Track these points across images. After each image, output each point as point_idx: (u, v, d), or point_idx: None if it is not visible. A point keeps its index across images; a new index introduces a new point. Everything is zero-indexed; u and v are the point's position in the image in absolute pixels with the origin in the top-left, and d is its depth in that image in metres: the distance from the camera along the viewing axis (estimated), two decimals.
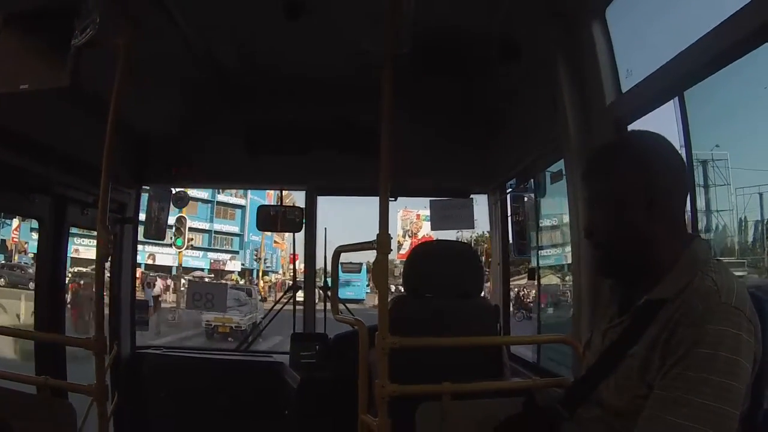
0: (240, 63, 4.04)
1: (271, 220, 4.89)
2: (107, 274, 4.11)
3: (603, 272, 1.85)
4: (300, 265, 5.34)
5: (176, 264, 36.95)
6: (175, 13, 3.17)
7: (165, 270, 38.34)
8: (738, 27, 1.89)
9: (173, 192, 4.90)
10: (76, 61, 2.23)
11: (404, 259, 3.40)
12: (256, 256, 51.15)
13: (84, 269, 19.59)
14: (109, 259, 3.70)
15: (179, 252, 31.49)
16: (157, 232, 4.76)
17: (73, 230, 3.85)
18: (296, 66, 4.07)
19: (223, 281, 37.06)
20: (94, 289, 2.35)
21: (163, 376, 4.37)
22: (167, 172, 4.56)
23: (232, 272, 48.87)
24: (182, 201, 5.07)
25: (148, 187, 4.68)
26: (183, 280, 30.36)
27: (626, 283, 1.77)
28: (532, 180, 4.42)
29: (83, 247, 22.93)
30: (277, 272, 56.22)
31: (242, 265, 51.19)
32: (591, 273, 2.80)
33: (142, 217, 4.63)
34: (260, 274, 50.50)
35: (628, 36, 2.73)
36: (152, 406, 4.28)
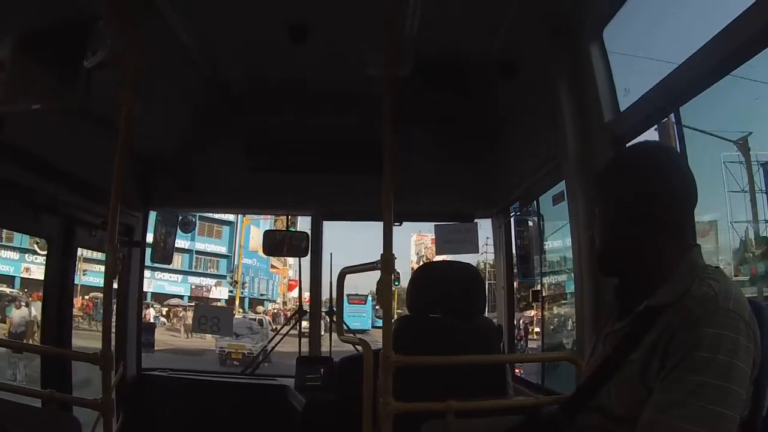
0: (247, 85, 4.10)
1: (277, 245, 4.93)
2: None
3: (602, 271, 1.87)
4: (305, 294, 5.36)
5: (151, 290, 32.67)
6: (184, 37, 3.25)
7: None
8: (729, 40, 1.93)
9: (180, 217, 4.94)
10: (87, 81, 2.27)
11: None
12: (232, 278, 42.53)
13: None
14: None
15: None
16: (163, 257, 4.81)
17: (24, 245, 3.96)
18: (301, 87, 4.13)
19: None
20: (102, 308, 2.37)
21: (169, 397, 4.36)
22: (174, 195, 4.62)
23: (218, 300, 40.38)
24: (189, 226, 5.12)
25: (155, 212, 4.72)
26: (152, 310, 28.72)
27: (626, 286, 1.79)
28: (535, 203, 4.43)
29: (34, 266, 22.79)
30: (274, 301, 49.78)
31: (230, 292, 42.79)
32: (593, 293, 2.81)
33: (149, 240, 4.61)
34: (238, 300, 41.50)
35: (624, 55, 2.78)
36: (157, 428, 4.27)
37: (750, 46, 1.85)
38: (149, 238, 4.76)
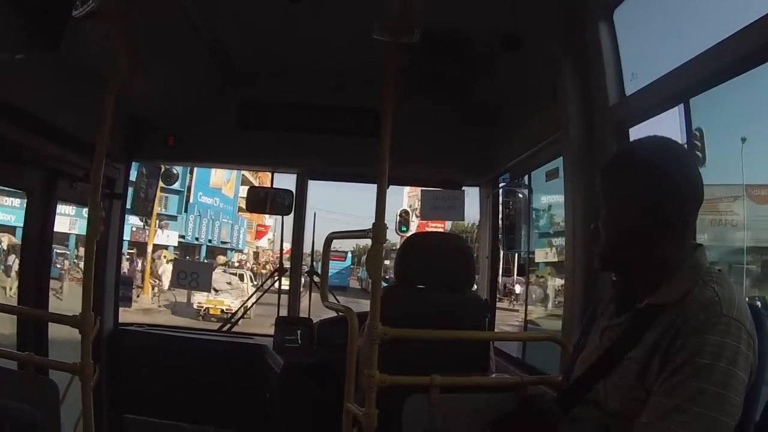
0: (242, 45, 4.00)
1: (260, 201, 4.87)
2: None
3: (602, 266, 1.87)
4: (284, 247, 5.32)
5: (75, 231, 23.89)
6: None
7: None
8: (747, 41, 1.89)
9: (162, 169, 4.86)
10: (74, 32, 2.18)
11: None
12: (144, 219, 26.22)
13: None
14: None
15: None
16: (144, 209, 4.73)
17: None
18: (298, 49, 4.04)
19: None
20: (84, 267, 2.32)
21: (145, 353, 4.35)
22: (158, 148, 4.52)
23: (164, 247, 32.83)
24: (171, 178, 5.03)
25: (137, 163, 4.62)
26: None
27: (626, 282, 1.79)
28: (526, 176, 4.41)
29: None
30: (240, 251, 44.33)
31: (181, 237, 35.90)
32: (584, 273, 2.81)
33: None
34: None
35: (635, 39, 2.73)
36: (133, 384, 4.26)
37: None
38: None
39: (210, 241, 39.10)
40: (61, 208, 4.39)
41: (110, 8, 2.24)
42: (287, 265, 5.12)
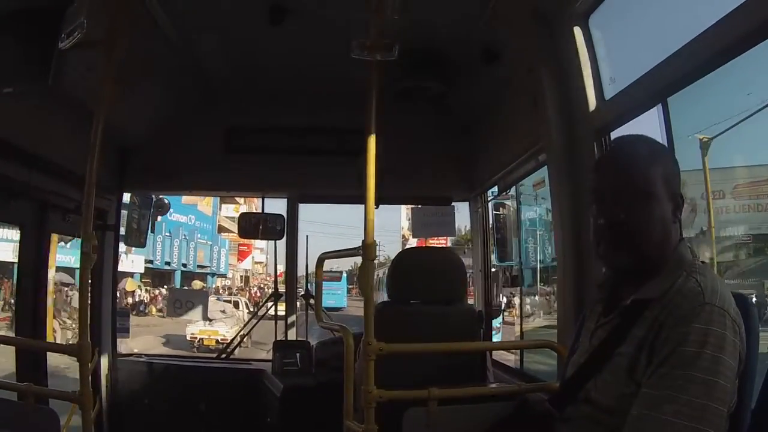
0: (225, 69, 4.04)
1: (253, 227, 4.88)
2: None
3: (611, 264, 1.80)
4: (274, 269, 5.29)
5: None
6: (162, 20, 3.18)
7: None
8: (720, 35, 1.93)
9: (154, 199, 4.87)
10: (60, 64, 2.20)
11: None
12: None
13: None
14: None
15: None
16: (137, 240, 4.73)
17: None
18: (281, 72, 4.09)
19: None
20: (79, 297, 2.33)
21: (145, 382, 4.34)
22: (148, 178, 4.54)
23: (130, 274, 28.42)
24: (163, 208, 5.04)
25: (129, 194, 4.64)
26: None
27: (617, 279, 1.79)
28: (513, 188, 4.44)
29: None
30: (223, 275, 40.37)
31: (148, 262, 31.14)
32: (575, 278, 2.82)
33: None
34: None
35: (611, 44, 2.77)
36: (133, 413, 4.25)
37: (743, 42, 1.85)
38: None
39: (185, 265, 34.89)
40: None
41: (96, 39, 2.28)
42: (282, 288, 5.12)
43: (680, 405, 1.40)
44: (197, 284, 32.13)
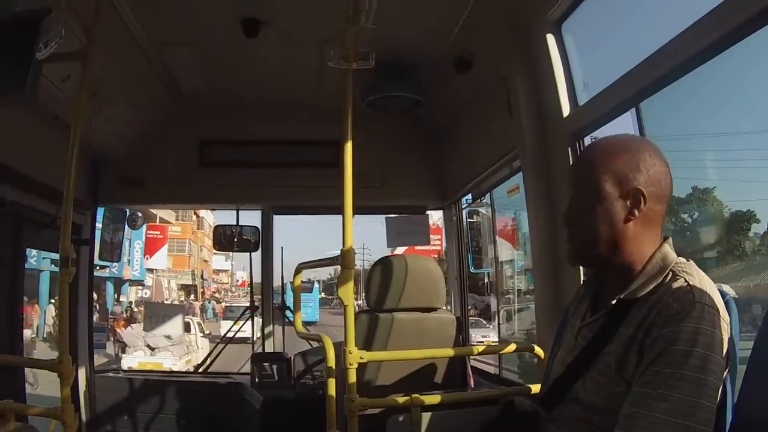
0: (199, 82, 4.03)
1: (228, 240, 4.86)
2: None
3: (573, 261, 1.85)
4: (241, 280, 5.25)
5: None
6: (136, 32, 3.15)
7: None
8: (692, 40, 1.97)
9: (127, 213, 4.83)
10: (36, 74, 2.17)
11: None
12: None
13: None
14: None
15: None
16: (111, 254, 4.68)
17: None
18: (254, 84, 4.09)
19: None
20: (59, 311, 2.30)
21: (124, 398, 4.31)
22: (122, 192, 4.50)
23: None
24: (136, 222, 5.00)
25: (102, 208, 4.59)
26: None
27: (600, 279, 1.81)
28: (488, 195, 4.47)
29: None
30: (140, 282, 31.75)
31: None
32: (551, 282, 2.85)
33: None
34: None
35: (584, 50, 2.82)
36: (114, 429, 4.19)
37: (714, 46, 1.89)
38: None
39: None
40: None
41: (71, 49, 2.26)
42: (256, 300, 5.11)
43: (672, 403, 1.42)
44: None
